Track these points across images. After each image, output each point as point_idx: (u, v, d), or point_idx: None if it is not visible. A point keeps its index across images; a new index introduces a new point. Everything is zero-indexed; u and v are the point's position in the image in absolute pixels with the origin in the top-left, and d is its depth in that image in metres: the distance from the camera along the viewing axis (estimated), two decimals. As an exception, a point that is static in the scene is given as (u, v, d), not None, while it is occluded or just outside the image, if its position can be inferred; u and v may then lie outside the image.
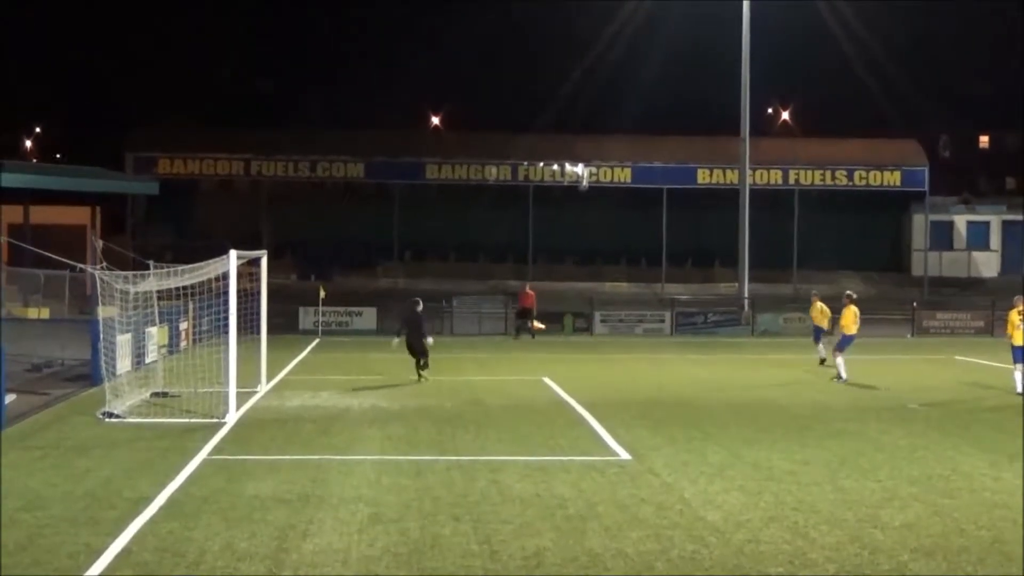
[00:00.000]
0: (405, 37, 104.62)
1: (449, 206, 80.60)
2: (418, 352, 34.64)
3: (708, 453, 22.14)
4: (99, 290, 29.10)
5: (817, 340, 41.02)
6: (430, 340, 34.92)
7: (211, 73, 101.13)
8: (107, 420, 25.82)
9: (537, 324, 53.08)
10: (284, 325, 50.95)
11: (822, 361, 39.67)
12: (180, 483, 18.96)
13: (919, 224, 79.60)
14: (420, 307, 35.12)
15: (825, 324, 41.14)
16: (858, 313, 36.27)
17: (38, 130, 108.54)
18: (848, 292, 38.60)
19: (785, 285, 74.14)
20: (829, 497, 18.23)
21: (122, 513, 16.72)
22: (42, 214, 59.48)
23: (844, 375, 35.46)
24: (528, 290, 54.86)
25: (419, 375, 34.51)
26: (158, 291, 31.96)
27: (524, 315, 53.78)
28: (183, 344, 41.90)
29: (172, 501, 17.62)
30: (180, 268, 29.29)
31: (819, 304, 41.39)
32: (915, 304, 60.17)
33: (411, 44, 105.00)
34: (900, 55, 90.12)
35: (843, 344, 36.08)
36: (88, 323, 34.06)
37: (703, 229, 77.82)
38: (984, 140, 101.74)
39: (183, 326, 42.68)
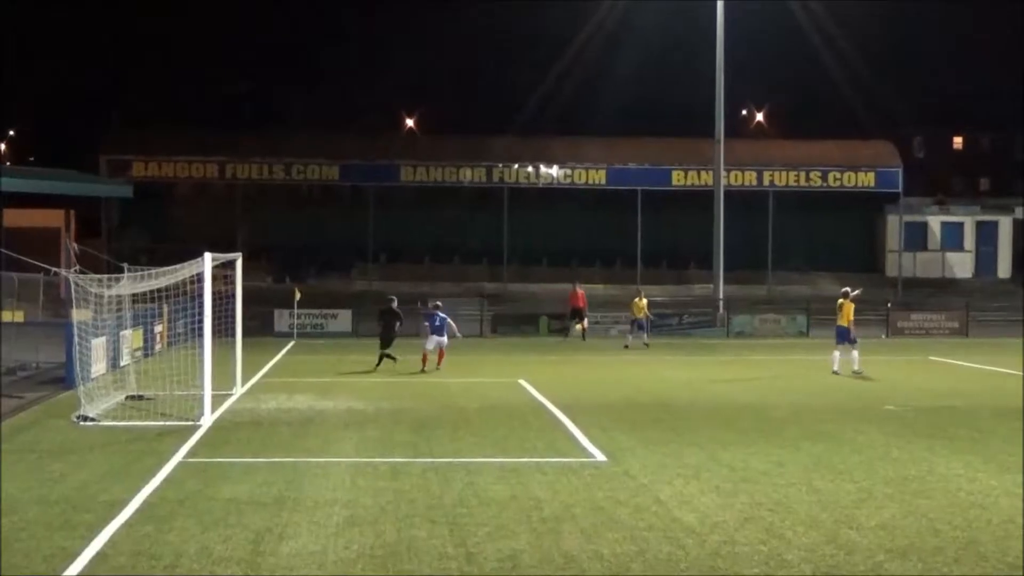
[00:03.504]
0: (380, 39, 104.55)
1: (424, 208, 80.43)
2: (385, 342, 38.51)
3: (684, 454, 22.17)
4: (73, 293, 29.00)
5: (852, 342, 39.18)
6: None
7: (186, 75, 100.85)
8: (82, 423, 25.73)
9: (583, 325, 53.07)
10: (259, 327, 50.93)
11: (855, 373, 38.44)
12: (155, 486, 18.90)
13: (893, 225, 79.76)
14: (394, 303, 39.25)
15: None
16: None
17: (12, 133, 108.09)
18: (846, 289, 39.20)
19: (760, 286, 74.23)
20: (805, 498, 18.26)
21: (97, 517, 16.66)
22: (15, 217, 59.26)
23: (837, 368, 37.30)
24: (578, 288, 54.67)
25: (381, 360, 38.31)
26: (132, 294, 31.89)
27: (576, 316, 53.60)
28: (158, 347, 41.80)
29: (147, 504, 17.56)
30: (155, 271, 29.21)
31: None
32: (889, 305, 60.37)
33: (386, 46, 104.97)
34: (874, 56, 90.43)
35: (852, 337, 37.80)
36: (62, 326, 33.96)
37: (678, 231, 77.79)
38: (958, 141, 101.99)
39: (158, 329, 42.60)
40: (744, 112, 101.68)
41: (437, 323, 38.74)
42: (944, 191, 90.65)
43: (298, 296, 53.62)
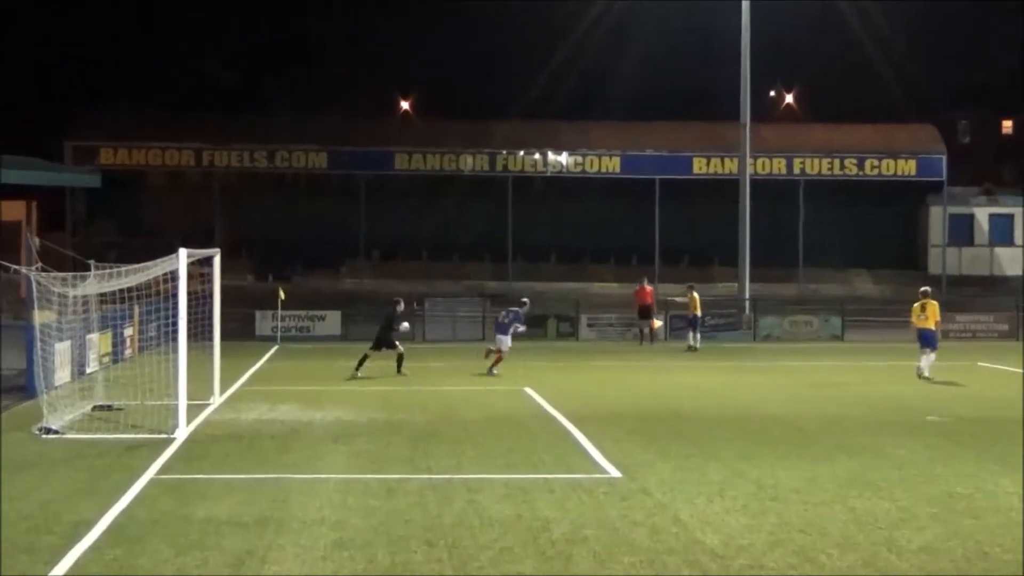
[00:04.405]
0: (371, 14, 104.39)
1: (420, 199, 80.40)
2: (379, 343, 39.28)
3: (706, 470, 22.15)
4: (35, 293, 28.96)
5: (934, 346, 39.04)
6: (405, 325, 40.27)
7: (159, 54, 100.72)
8: (44, 436, 25.74)
9: (656, 322, 53.05)
10: (239, 331, 50.91)
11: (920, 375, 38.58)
12: (125, 505, 18.90)
13: (936, 217, 79.70)
14: (400, 307, 40.14)
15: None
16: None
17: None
18: (925, 288, 39.95)
19: (789, 285, 74.24)
20: (840, 518, 18.24)
21: (62, 538, 16.66)
22: (-29, 209, 59.26)
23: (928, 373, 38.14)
24: (646, 285, 54.61)
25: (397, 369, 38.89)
26: (100, 294, 31.88)
27: (645, 315, 53.55)
28: (128, 352, 41.84)
29: (116, 525, 17.56)
30: (124, 268, 29.19)
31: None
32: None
33: (378, 22, 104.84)
34: (915, 31, 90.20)
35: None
36: (23, 329, 33.95)
37: (699, 224, 77.71)
38: (1008, 125, 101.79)
39: (128, 332, 42.63)
40: (772, 93, 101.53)
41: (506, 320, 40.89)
42: (992, 180, 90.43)
43: (282, 296, 53.66)
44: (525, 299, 42.80)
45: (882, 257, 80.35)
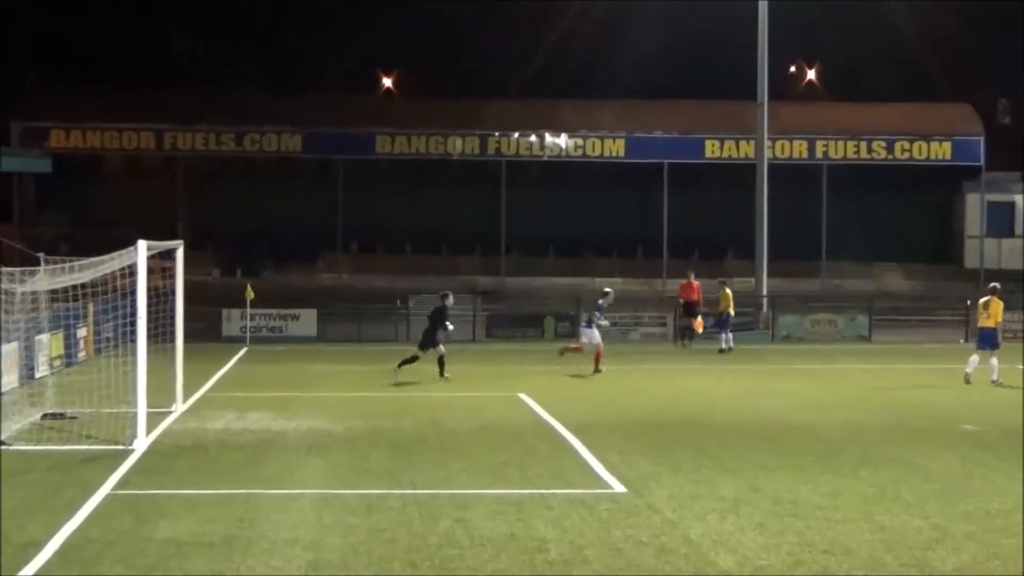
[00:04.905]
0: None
1: (404, 186, 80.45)
2: (427, 343, 39.90)
3: (719, 484, 22.16)
4: (-22, 290, 29.00)
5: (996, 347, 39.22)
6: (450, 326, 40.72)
7: (116, 25, 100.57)
8: (-11, 448, 25.74)
9: (700, 322, 53.08)
10: (205, 331, 50.97)
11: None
12: (78, 524, 18.88)
13: (973, 205, 79.79)
14: (448, 300, 41.40)
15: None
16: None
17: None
18: (994, 285, 40.19)
19: (811, 280, 74.34)
20: (866, 537, 18.25)
21: (9, 561, 16.65)
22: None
23: (971, 371, 38.48)
24: (693, 279, 54.53)
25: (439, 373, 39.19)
26: (51, 291, 31.87)
27: (691, 312, 53.50)
28: (82, 355, 41.82)
29: (68, 547, 17.54)
30: (78, 263, 29.15)
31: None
32: (969, 303, 60.23)
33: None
34: (949, 2, 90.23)
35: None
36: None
37: (712, 213, 77.79)
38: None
39: (82, 333, 42.61)
40: (792, 69, 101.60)
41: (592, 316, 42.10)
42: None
43: (251, 293, 53.62)
44: (608, 288, 43.89)
45: (913, 250, 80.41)
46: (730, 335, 51.78)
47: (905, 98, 79.27)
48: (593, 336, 41.62)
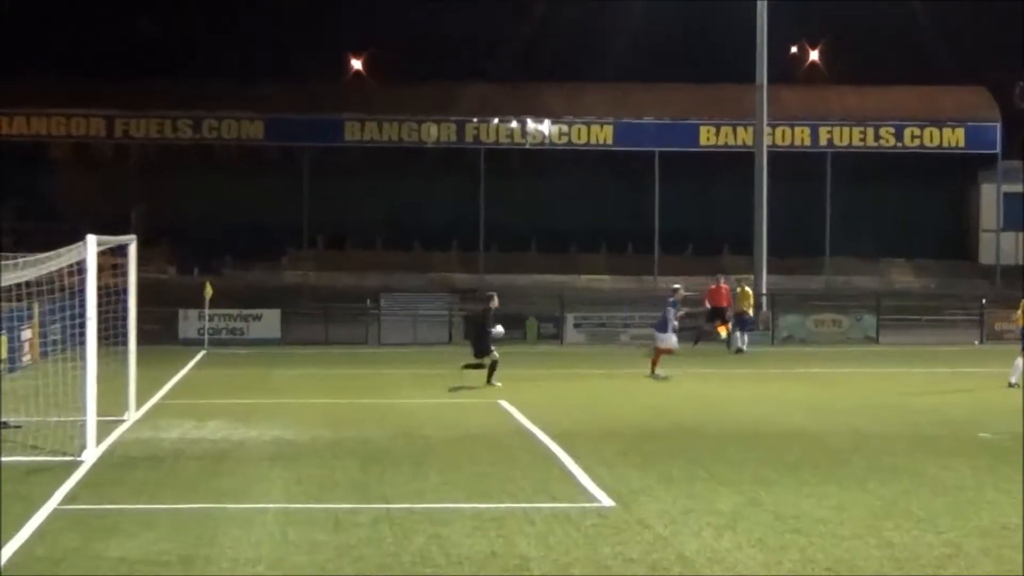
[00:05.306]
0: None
1: (375, 177, 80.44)
2: (481, 349, 39.87)
3: (715, 497, 22.19)
4: (-86, 289, 28.96)
5: None
6: (499, 329, 40.15)
7: (65, 3, 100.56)
8: (-74, 460, 25.70)
9: (723, 328, 53.14)
10: (160, 333, 50.93)
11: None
12: (22, 542, 18.84)
13: (989, 196, 79.97)
14: (493, 302, 40.89)
15: None
16: None
17: None
18: None
19: (815, 278, 74.48)
20: (874, 554, 18.28)
21: (-54, 582, 16.65)
22: None
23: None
24: (722, 283, 54.57)
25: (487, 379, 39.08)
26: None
27: (718, 318, 53.54)
28: (27, 359, 41.75)
29: (12, 566, 17.52)
30: (22, 259, 29.11)
31: None
32: (984, 301, 60.45)
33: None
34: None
35: None
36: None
37: (707, 205, 78.01)
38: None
39: (26, 335, 42.54)
40: (794, 50, 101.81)
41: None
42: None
43: (210, 292, 53.62)
44: (677, 284, 44.81)
45: (924, 244, 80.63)
46: (746, 336, 52.04)
47: (916, 81, 79.51)
48: (670, 339, 42.12)
